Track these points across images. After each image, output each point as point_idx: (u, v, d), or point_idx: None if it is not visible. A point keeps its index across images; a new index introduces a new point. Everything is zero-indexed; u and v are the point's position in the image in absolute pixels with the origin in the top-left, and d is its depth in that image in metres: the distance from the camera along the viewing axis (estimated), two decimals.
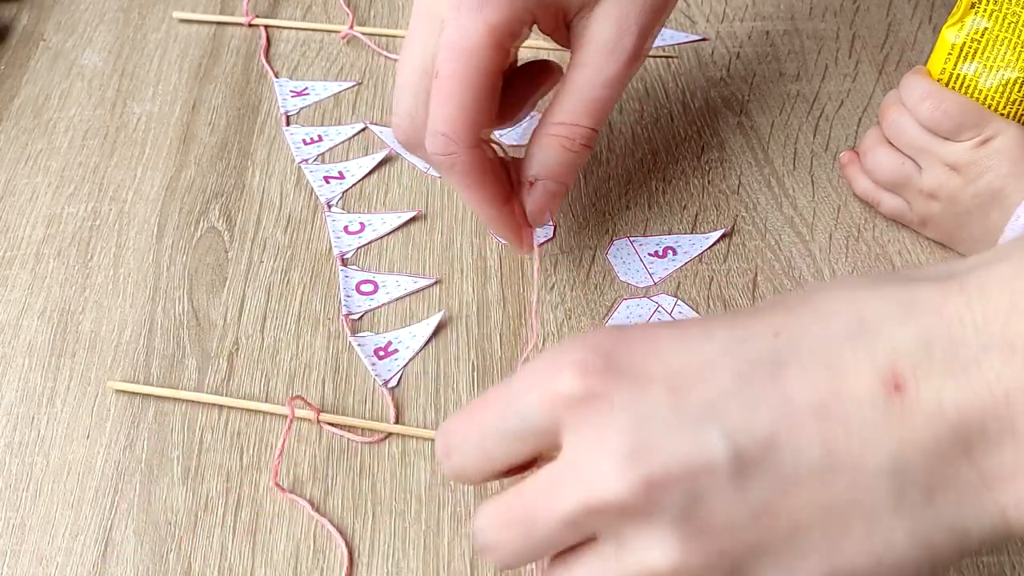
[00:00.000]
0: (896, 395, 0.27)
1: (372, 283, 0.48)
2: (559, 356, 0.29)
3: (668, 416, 0.28)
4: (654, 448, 0.27)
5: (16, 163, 0.55)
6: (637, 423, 0.28)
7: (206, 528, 0.40)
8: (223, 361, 0.45)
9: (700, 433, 0.27)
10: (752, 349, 0.29)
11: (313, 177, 0.53)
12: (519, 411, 0.30)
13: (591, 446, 0.28)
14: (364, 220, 0.51)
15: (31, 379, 0.45)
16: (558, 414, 0.29)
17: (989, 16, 0.45)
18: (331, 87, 0.58)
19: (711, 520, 0.27)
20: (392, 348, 0.45)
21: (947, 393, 0.27)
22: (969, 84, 0.46)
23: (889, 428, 0.27)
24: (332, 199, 0.52)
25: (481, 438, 0.31)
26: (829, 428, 0.27)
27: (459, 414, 0.32)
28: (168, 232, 0.51)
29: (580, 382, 0.29)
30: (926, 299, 0.28)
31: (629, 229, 0.50)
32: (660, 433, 0.28)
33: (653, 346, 0.29)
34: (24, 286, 0.49)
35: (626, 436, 0.28)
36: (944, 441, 0.27)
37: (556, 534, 0.29)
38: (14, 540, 0.40)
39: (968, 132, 0.45)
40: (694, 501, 0.27)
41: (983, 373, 0.27)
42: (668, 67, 0.58)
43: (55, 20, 0.63)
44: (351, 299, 0.47)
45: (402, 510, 0.40)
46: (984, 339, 0.27)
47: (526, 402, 0.30)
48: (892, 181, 0.49)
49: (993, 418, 0.27)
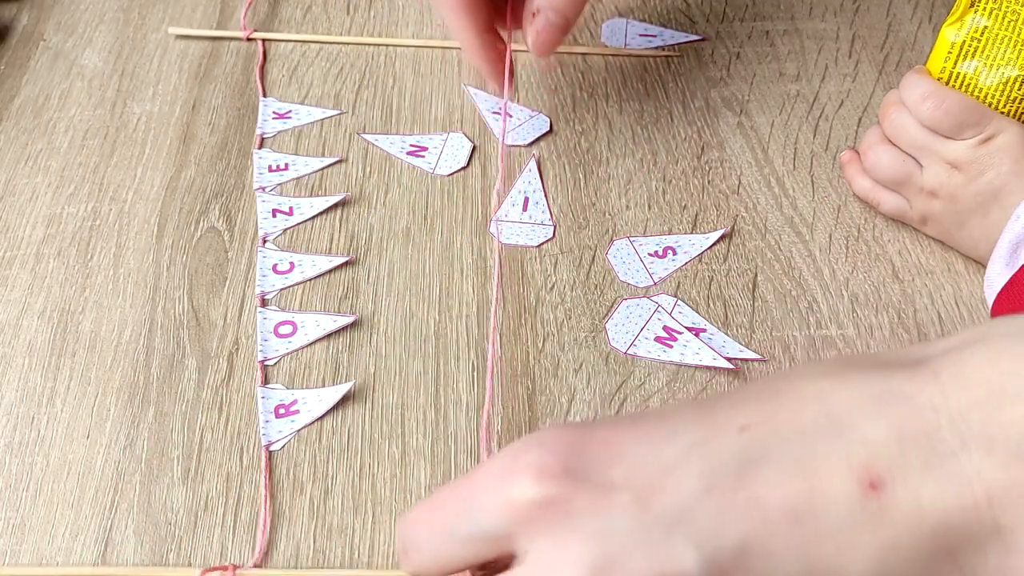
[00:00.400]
0: (873, 494, 0.26)
1: (291, 324, 0.46)
2: (515, 458, 0.28)
3: (633, 527, 0.26)
4: (621, 562, 0.26)
5: (16, 163, 0.55)
6: (601, 535, 0.26)
7: (206, 528, 0.40)
8: (223, 361, 0.45)
9: (669, 545, 0.26)
10: (717, 448, 0.27)
11: (262, 207, 0.51)
12: (473, 516, 0.28)
13: (553, 557, 0.26)
14: (295, 260, 0.49)
15: (31, 379, 0.45)
16: (514, 521, 0.27)
17: (989, 14, 0.45)
18: (315, 113, 0.56)
19: None
20: (294, 408, 0.43)
21: (926, 492, 0.26)
22: (969, 82, 0.46)
23: (868, 530, 0.26)
24: (271, 234, 0.50)
25: (436, 539, 0.30)
26: (804, 532, 0.26)
27: (418, 507, 0.31)
28: (168, 232, 0.51)
29: (536, 487, 0.27)
30: (898, 389, 0.27)
31: (629, 229, 0.50)
32: (626, 546, 0.26)
33: (613, 449, 0.28)
34: (24, 286, 0.49)
35: (590, 548, 0.26)
36: (926, 545, 0.25)
37: None
38: (14, 540, 0.40)
39: (969, 130, 0.45)
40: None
41: (962, 469, 0.25)
42: (668, 67, 0.58)
43: (55, 20, 0.63)
44: (268, 343, 0.46)
45: (402, 510, 0.40)
46: (961, 432, 0.26)
47: (481, 506, 0.28)
48: (893, 179, 0.49)
49: (975, 519, 0.25)
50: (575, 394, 0.44)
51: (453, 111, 0.57)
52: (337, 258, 0.49)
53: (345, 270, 0.49)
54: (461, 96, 0.57)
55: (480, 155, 0.54)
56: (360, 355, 0.46)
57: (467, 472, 0.30)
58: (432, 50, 0.60)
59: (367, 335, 0.46)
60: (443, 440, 0.42)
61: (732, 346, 0.45)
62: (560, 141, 0.55)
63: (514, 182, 0.52)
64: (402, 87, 0.58)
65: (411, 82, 0.58)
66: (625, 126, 0.55)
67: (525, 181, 0.53)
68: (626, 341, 0.45)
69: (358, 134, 0.55)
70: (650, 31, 0.61)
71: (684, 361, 0.44)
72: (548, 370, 0.45)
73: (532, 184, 0.52)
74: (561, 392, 0.44)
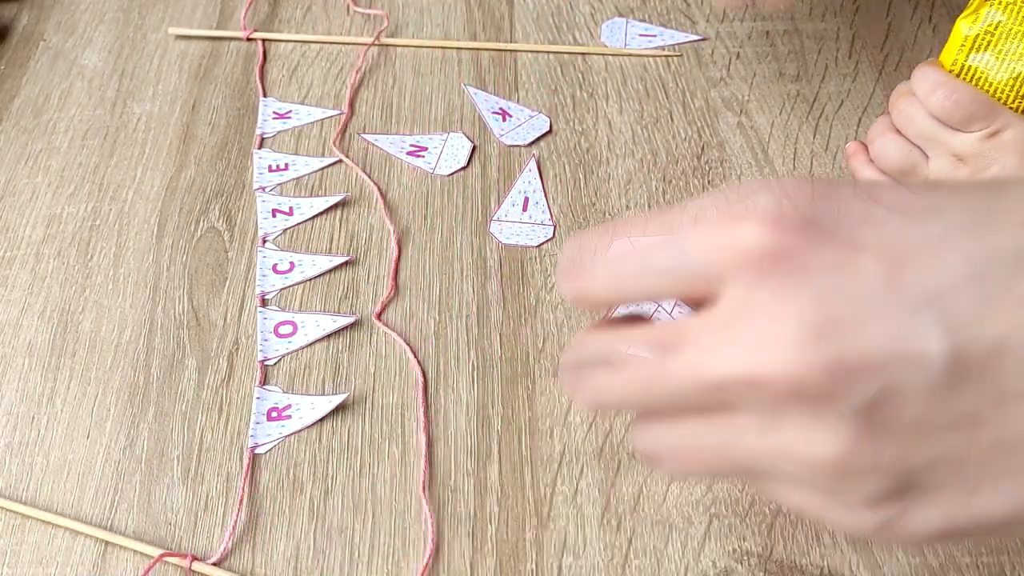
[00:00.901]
0: None
1: (291, 324, 0.46)
2: (743, 198, 0.25)
3: (875, 295, 0.23)
4: (851, 326, 0.23)
5: (16, 163, 0.55)
6: (834, 295, 0.23)
7: (206, 528, 0.40)
8: (223, 361, 0.45)
9: (912, 323, 0.23)
10: (992, 237, 0.24)
11: (262, 207, 0.51)
12: (681, 251, 0.25)
13: (768, 308, 0.23)
14: (295, 260, 0.49)
15: (31, 379, 0.45)
16: (734, 265, 0.24)
17: (1004, 9, 0.45)
18: (315, 113, 0.57)
19: (899, 418, 0.23)
20: (286, 413, 0.43)
21: None
22: (980, 76, 0.46)
23: None
24: (271, 234, 0.50)
25: (622, 265, 0.27)
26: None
27: (600, 229, 0.27)
28: (168, 232, 0.51)
29: (770, 234, 0.24)
30: None
31: None
32: (861, 313, 0.23)
33: (866, 209, 0.24)
34: (24, 286, 0.49)
35: (818, 307, 0.23)
36: None
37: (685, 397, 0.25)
38: (14, 540, 0.40)
39: (978, 123, 0.45)
40: (885, 395, 0.23)
41: None
42: (668, 67, 0.58)
43: (55, 20, 0.63)
44: (268, 343, 0.46)
45: (402, 510, 0.40)
46: None
47: (693, 243, 0.25)
48: (899, 169, 0.49)
49: None
50: None
51: (453, 111, 0.57)
52: (337, 258, 0.49)
53: (345, 270, 0.49)
54: (461, 96, 0.57)
55: (480, 155, 0.54)
56: (360, 355, 0.46)
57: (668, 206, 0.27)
58: (432, 50, 0.60)
59: (367, 335, 0.46)
60: (443, 440, 0.42)
61: None
62: (560, 141, 0.55)
63: (514, 182, 0.52)
64: (402, 87, 0.58)
65: (411, 82, 0.58)
66: (625, 126, 0.55)
67: (525, 181, 0.53)
68: None
69: (358, 134, 0.55)
70: (650, 31, 0.61)
71: None
72: (548, 370, 0.45)
73: (532, 184, 0.52)
74: (561, 392, 0.44)
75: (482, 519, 0.40)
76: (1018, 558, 0.38)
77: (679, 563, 0.38)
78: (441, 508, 0.41)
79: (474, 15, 0.62)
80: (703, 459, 0.26)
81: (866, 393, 0.23)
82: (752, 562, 0.38)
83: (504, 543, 0.39)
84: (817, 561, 0.38)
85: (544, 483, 0.41)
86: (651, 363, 0.25)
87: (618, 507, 0.40)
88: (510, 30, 0.61)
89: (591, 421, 0.43)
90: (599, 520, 0.40)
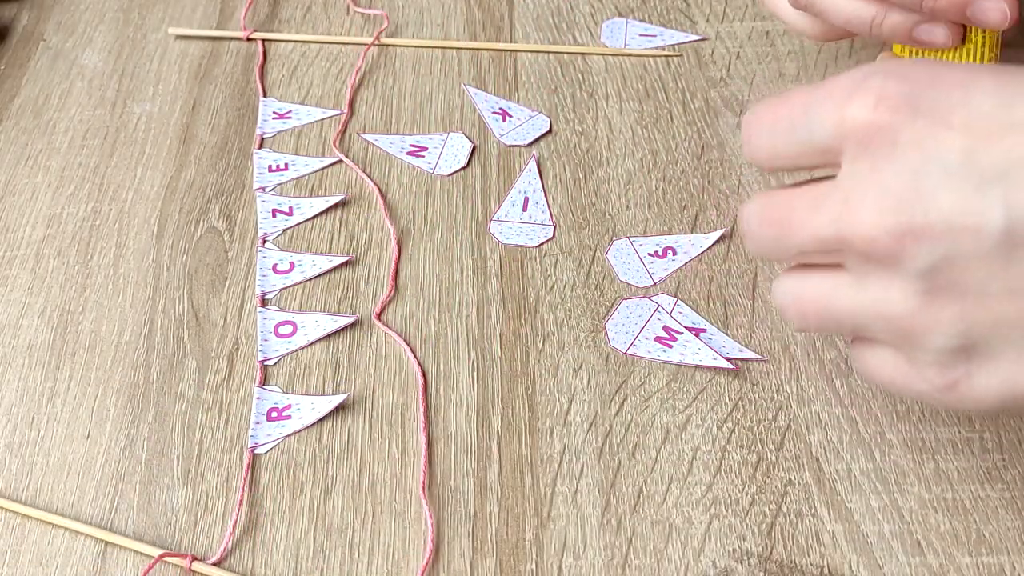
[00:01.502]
0: None
1: (291, 324, 0.46)
2: (863, 78, 0.28)
3: (951, 170, 0.26)
4: (924, 198, 0.26)
5: (16, 163, 0.55)
6: (917, 169, 0.27)
7: (206, 528, 0.40)
8: (223, 361, 0.45)
9: (979, 198, 0.26)
10: None
11: (262, 207, 0.51)
12: (810, 123, 0.29)
13: (864, 177, 0.28)
14: (295, 260, 0.49)
15: (31, 379, 0.45)
16: (844, 137, 0.28)
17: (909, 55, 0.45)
18: (315, 113, 0.57)
19: (960, 281, 0.26)
20: (286, 414, 0.43)
21: None
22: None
23: None
24: (271, 234, 0.50)
25: (773, 133, 0.31)
26: None
27: (769, 102, 0.32)
28: (168, 232, 0.51)
29: (873, 111, 0.27)
30: None
31: (629, 229, 0.50)
32: (937, 186, 0.26)
33: (963, 94, 0.27)
34: (24, 286, 0.49)
35: (902, 180, 0.27)
36: None
37: (806, 246, 0.29)
38: (14, 540, 0.40)
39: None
40: (947, 260, 0.26)
41: None
42: (668, 67, 0.58)
43: (55, 20, 0.63)
44: (268, 343, 0.46)
45: (402, 510, 0.40)
46: None
47: (818, 116, 0.29)
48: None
49: None
50: (575, 394, 0.44)
51: (453, 111, 0.57)
52: (337, 258, 0.49)
53: (345, 270, 0.49)
54: (461, 96, 0.57)
55: (480, 155, 0.54)
56: (360, 355, 0.46)
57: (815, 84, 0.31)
58: (432, 50, 0.60)
59: (367, 335, 0.46)
60: (443, 440, 0.42)
61: (732, 346, 0.45)
62: (560, 141, 0.55)
63: (514, 182, 0.53)
64: (402, 87, 0.58)
65: (411, 82, 0.58)
66: (625, 126, 0.55)
67: (525, 181, 0.53)
68: (626, 341, 0.45)
69: (358, 134, 0.55)
70: (650, 31, 0.61)
71: (684, 361, 0.44)
72: (548, 370, 0.45)
73: (532, 184, 0.52)
74: (561, 392, 0.44)
75: (482, 519, 0.40)
76: (1018, 558, 0.38)
77: (679, 563, 0.38)
78: (441, 508, 0.41)
79: (474, 15, 0.62)
80: (814, 311, 0.31)
81: (930, 257, 0.26)
82: (752, 562, 0.38)
83: (504, 543, 0.39)
84: (817, 561, 0.38)
85: (544, 483, 0.41)
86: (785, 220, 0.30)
87: (618, 507, 0.40)
88: (510, 30, 0.61)
89: (591, 421, 0.43)
90: (599, 520, 0.40)
